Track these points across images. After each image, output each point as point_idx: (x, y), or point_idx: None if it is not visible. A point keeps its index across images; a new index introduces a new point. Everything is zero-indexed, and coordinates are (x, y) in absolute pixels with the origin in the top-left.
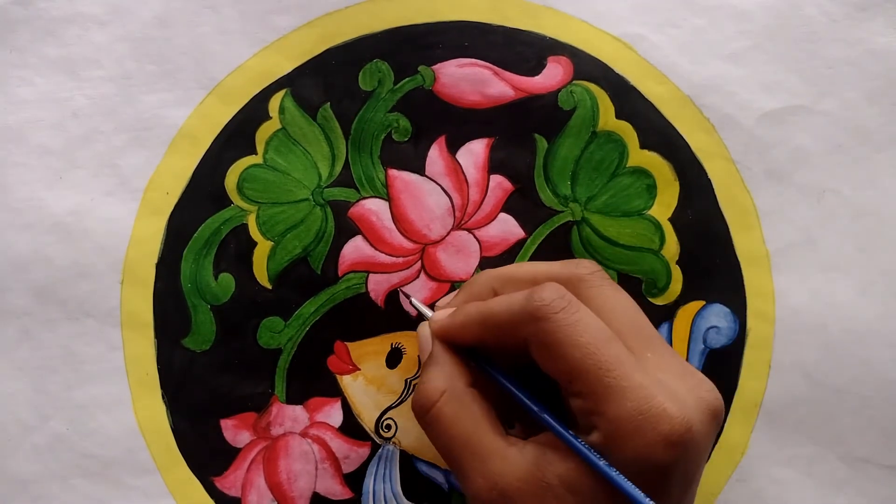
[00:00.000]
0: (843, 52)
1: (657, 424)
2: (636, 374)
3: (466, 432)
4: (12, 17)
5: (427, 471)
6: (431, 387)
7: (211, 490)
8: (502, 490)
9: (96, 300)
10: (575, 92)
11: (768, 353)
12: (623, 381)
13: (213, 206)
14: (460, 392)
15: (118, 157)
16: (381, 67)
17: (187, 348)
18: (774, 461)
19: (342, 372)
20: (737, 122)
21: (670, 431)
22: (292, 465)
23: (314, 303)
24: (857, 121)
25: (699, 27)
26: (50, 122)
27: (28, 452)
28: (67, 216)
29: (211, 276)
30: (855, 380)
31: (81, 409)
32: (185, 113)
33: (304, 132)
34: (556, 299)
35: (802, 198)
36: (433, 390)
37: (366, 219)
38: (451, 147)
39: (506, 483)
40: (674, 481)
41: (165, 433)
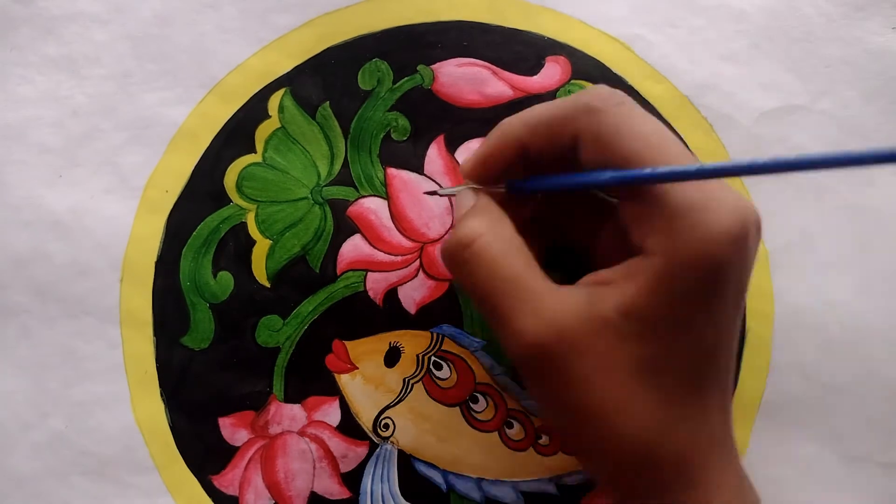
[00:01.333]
0: (841, 52)
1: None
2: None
3: (514, 271)
4: (13, 16)
5: (425, 471)
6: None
7: (209, 488)
8: (560, 328)
9: (95, 298)
10: (573, 91)
11: (767, 353)
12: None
13: (212, 204)
14: (507, 234)
15: (118, 156)
16: (380, 67)
17: (186, 346)
18: (774, 460)
19: (340, 371)
20: (735, 122)
21: (732, 223)
22: (290, 464)
23: (313, 301)
24: (854, 120)
25: (697, 27)
26: (50, 121)
27: (27, 450)
28: (67, 214)
29: (210, 275)
30: (853, 378)
31: (80, 406)
32: (185, 111)
33: (304, 131)
34: (613, 94)
35: (800, 197)
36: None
37: (364, 217)
38: (449, 146)
39: (562, 321)
40: (730, 283)
41: (164, 431)
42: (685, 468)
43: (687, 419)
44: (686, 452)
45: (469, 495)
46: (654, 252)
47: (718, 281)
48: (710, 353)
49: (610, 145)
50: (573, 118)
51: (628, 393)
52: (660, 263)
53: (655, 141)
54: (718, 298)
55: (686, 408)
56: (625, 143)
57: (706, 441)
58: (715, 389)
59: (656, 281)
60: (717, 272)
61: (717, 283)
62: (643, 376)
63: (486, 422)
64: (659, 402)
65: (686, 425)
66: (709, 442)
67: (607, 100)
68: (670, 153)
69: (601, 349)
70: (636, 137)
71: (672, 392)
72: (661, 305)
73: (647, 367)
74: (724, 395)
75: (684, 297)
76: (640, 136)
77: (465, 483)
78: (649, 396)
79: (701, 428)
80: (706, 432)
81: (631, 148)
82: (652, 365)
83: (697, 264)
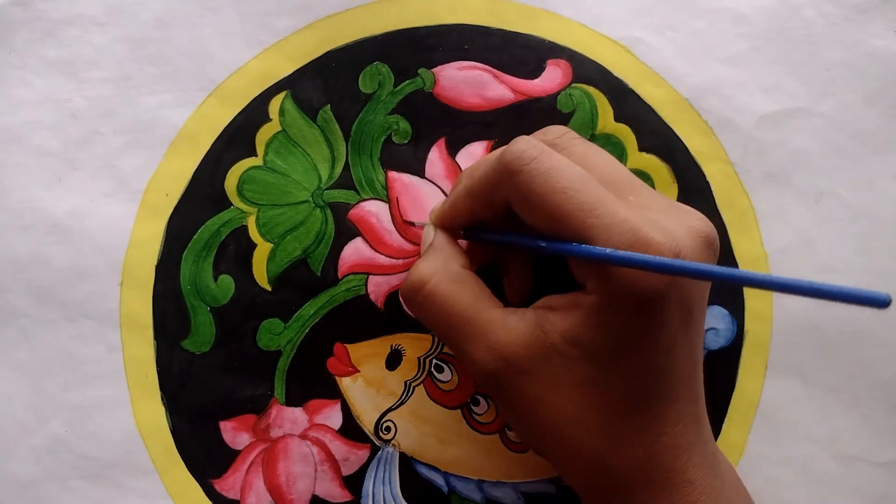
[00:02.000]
0: (842, 55)
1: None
2: (619, 210)
3: (463, 307)
4: (12, 18)
5: (426, 473)
6: (424, 267)
7: (210, 492)
8: (507, 358)
9: (96, 302)
10: (574, 95)
11: (765, 355)
12: (606, 218)
13: (212, 207)
14: (454, 271)
15: (118, 159)
16: (381, 70)
17: (187, 350)
18: (772, 461)
19: (342, 374)
20: (735, 125)
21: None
22: (291, 467)
23: (314, 304)
24: (855, 123)
25: (697, 30)
26: (49, 124)
27: (27, 454)
28: (67, 217)
29: (210, 278)
30: (849, 380)
31: (80, 410)
32: (185, 114)
33: (305, 134)
34: (527, 150)
35: (800, 200)
36: (426, 270)
37: (366, 220)
38: (450, 149)
39: (510, 351)
40: (671, 310)
41: (164, 435)
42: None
43: (638, 431)
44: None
45: (470, 497)
46: (592, 290)
47: (654, 311)
48: (658, 372)
49: (534, 208)
50: (499, 184)
51: (577, 408)
52: (596, 300)
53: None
54: (658, 326)
55: (636, 420)
56: (547, 202)
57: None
58: (669, 402)
59: (594, 315)
60: (649, 305)
61: (652, 313)
62: (590, 393)
63: (487, 424)
64: (608, 415)
65: (638, 440)
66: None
67: (521, 159)
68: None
69: (549, 371)
70: (555, 192)
71: (620, 407)
72: (599, 336)
73: (593, 385)
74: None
75: (620, 329)
76: (558, 189)
77: (466, 485)
78: (598, 411)
79: (654, 438)
80: (663, 440)
81: (553, 205)
82: (598, 384)
83: (629, 301)
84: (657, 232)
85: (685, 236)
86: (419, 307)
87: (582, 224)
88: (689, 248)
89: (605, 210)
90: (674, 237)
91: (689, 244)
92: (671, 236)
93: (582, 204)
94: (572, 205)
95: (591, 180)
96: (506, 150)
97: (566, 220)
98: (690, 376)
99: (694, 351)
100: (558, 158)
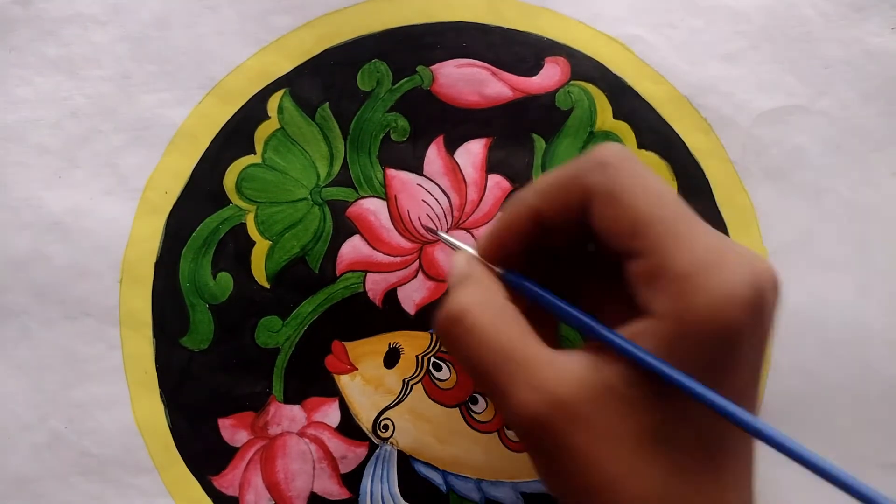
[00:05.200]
0: (840, 52)
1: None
2: (704, 229)
3: (509, 341)
4: (12, 17)
5: (424, 471)
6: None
7: (208, 489)
8: (557, 399)
9: (95, 299)
10: (572, 92)
11: (767, 353)
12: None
13: (211, 205)
14: (499, 304)
15: (117, 157)
16: (379, 67)
17: (186, 347)
18: (774, 461)
19: (340, 372)
20: (734, 123)
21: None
22: (290, 464)
23: (312, 302)
24: (854, 120)
25: (696, 28)
26: (49, 122)
27: (27, 451)
28: (66, 215)
29: (209, 276)
30: (852, 378)
31: (80, 407)
32: (184, 112)
33: (303, 132)
34: (620, 150)
35: (800, 197)
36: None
37: (364, 218)
38: (449, 147)
39: (561, 391)
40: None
41: (163, 432)
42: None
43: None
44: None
45: (469, 496)
46: (662, 315)
47: (732, 347)
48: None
49: (620, 203)
50: (584, 174)
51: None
52: (668, 328)
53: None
54: (732, 365)
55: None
56: (635, 202)
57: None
58: (731, 460)
59: (665, 346)
60: (729, 338)
61: (730, 349)
62: (651, 446)
63: (486, 423)
64: (668, 473)
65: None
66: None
67: (617, 154)
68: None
69: (604, 419)
70: (647, 192)
71: (682, 463)
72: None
73: (654, 436)
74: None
75: (695, 364)
76: (652, 193)
77: (464, 484)
78: (657, 468)
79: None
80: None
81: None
82: (660, 435)
83: (708, 329)
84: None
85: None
86: (456, 340)
87: (667, 231)
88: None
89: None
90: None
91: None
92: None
93: (671, 212)
94: (662, 210)
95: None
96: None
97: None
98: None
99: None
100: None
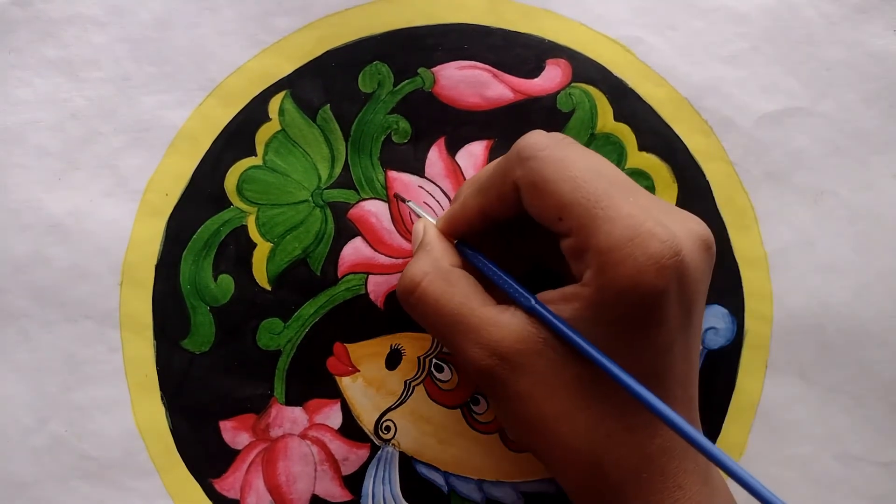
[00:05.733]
0: (842, 54)
1: (647, 248)
2: (625, 204)
3: (455, 305)
4: (11, 18)
5: (426, 473)
6: (416, 268)
7: (210, 492)
8: (502, 354)
9: (95, 302)
10: (574, 94)
11: (765, 354)
12: (612, 210)
13: (212, 207)
14: (446, 271)
15: (117, 159)
16: (380, 69)
17: (186, 350)
18: (772, 461)
19: (341, 373)
20: (735, 124)
21: (660, 254)
22: (291, 466)
23: (313, 304)
24: (855, 123)
25: (697, 29)
26: (49, 124)
27: (27, 454)
28: (66, 217)
29: (210, 278)
30: (849, 379)
31: (80, 410)
32: (185, 114)
33: (304, 134)
34: (542, 139)
35: (800, 199)
36: (417, 271)
37: (365, 220)
38: (450, 149)
39: (504, 347)
40: (670, 308)
41: (164, 435)
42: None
43: (632, 431)
44: (634, 466)
45: (470, 497)
46: (588, 283)
47: (652, 308)
48: (654, 373)
49: (542, 194)
50: (511, 170)
51: (571, 406)
52: (591, 293)
53: (583, 181)
54: (656, 325)
55: (629, 420)
56: (557, 189)
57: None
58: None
59: (591, 309)
60: (648, 302)
61: (650, 310)
62: (584, 391)
63: (487, 424)
64: (602, 414)
65: (633, 441)
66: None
67: (538, 144)
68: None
69: (542, 367)
70: (565, 179)
71: (614, 406)
72: (595, 331)
73: (587, 383)
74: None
75: (616, 326)
76: (568, 177)
77: (466, 484)
78: (592, 410)
79: (650, 439)
80: (657, 442)
81: (562, 192)
82: (592, 381)
83: (626, 297)
84: (660, 229)
85: (685, 237)
86: (413, 308)
87: (587, 213)
88: (688, 248)
89: (611, 203)
90: (674, 235)
91: (688, 244)
92: (672, 234)
93: (589, 194)
94: (580, 193)
95: (600, 174)
96: (518, 141)
97: (573, 209)
98: (686, 379)
99: (691, 353)
100: (571, 151)
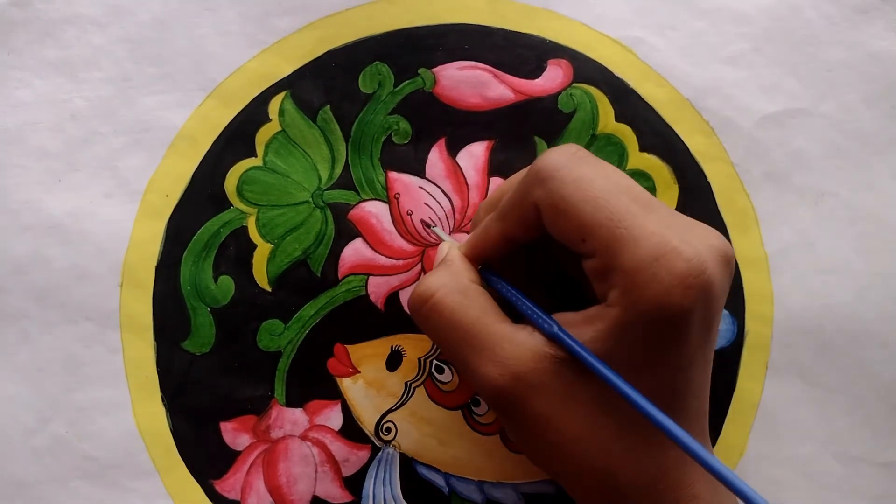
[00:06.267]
0: (843, 55)
1: (673, 268)
2: (648, 223)
3: (471, 320)
4: (10, 19)
5: (427, 474)
6: (433, 279)
7: (210, 493)
8: (516, 373)
9: (96, 303)
10: (575, 95)
11: (766, 355)
12: (635, 230)
13: (212, 208)
14: (463, 285)
15: (117, 160)
16: (381, 70)
17: (187, 351)
18: (772, 462)
19: (342, 374)
20: (736, 125)
21: (686, 273)
22: (292, 468)
23: (314, 305)
24: (855, 124)
25: (698, 30)
26: (49, 124)
27: (27, 455)
28: (66, 218)
29: (210, 279)
30: (851, 380)
31: (81, 411)
32: (185, 115)
33: (304, 134)
34: (558, 157)
35: (801, 200)
36: (434, 282)
37: (366, 221)
38: (451, 149)
39: (519, 365)
40: (693, 326)
41: (165, 436)
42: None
43: (650, 448)
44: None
45: (471, 498)
46: (613, 304)
47: (676, 328)
48: (673, 391)
49: (563, 216)
50: (530, 192)
51: (588, 426)
52: (617, 314)
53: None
54: (678, 344)
55: (648, 438)
56: (577, 210)
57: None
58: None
59: (614, 329)
60: (673, 322)
61: (674, 330)
62: (602, 410)
63: (488, 425)
64: (619, 431)
65: (649, 455)
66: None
67: (556, 164)
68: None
69: (559, 387)
70: (586, 200)
71: (632, 424)
72: (619, 350)
73: (605, 402)
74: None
75: (640, 345)
76: (589, 197)
77: (466, 486)
78: (610, 429)
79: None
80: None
81: (583, 213)
82: (610, 400)
83: (652, 317)
84: (685, 247)
85: (708, 254)
86: (426, 319)
87: (610, 234)
88: (712, 265)
89: (634, 222)
90: (699, 253)
91: (712, 262)
92: (696, 252)
93: (612, 214)
94: (602, 213)
95: (620, 191)
96: (537, 160)
97: (595, 230)
98: (701, 393)
99: (707, 368)
100: (588, 168)
